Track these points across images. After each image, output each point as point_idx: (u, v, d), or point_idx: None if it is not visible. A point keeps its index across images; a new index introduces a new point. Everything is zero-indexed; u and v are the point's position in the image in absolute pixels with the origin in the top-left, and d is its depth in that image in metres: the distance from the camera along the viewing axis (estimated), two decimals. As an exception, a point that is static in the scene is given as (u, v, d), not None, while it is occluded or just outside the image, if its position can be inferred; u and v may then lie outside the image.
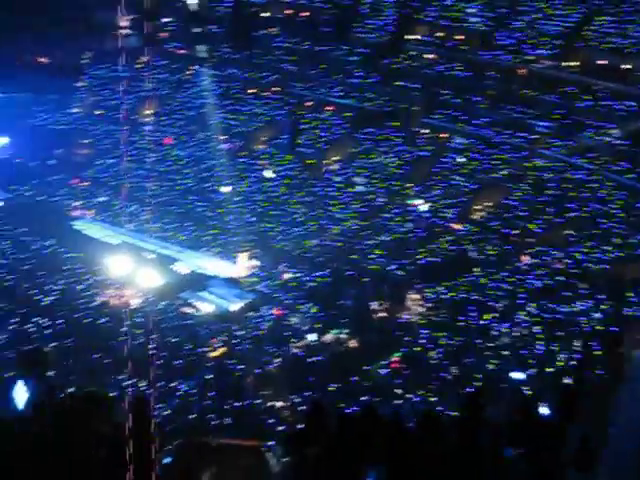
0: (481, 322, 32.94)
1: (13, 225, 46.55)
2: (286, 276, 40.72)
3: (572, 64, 44.02)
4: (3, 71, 57.42)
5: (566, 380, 26.02)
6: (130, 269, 36.41)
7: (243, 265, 41.32)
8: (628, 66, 42.29)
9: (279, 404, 27.39)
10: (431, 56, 49.41)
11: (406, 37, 50.76)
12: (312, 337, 33.63)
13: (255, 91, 56.61)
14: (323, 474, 6.15)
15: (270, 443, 12.77)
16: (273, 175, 51.22)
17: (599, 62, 43.50)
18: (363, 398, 26.79)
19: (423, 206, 44.18)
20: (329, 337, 33.55)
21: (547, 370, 28.51)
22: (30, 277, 39.74)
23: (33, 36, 61.38)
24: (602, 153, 40.70)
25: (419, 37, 50.61)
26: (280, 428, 24.13)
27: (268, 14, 57.86)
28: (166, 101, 59.27)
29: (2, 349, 29.72)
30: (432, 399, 26.95)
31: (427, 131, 48.50)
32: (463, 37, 47.91)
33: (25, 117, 61.41)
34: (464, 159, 45.95)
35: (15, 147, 58.21)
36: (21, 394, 5.54)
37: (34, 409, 5.01)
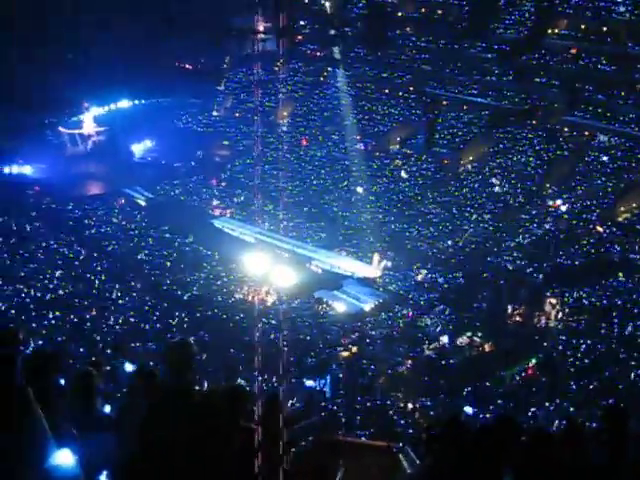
0: (625, 330, 31.30)
1: (157, 223, 48.85)
2: (420, 277, 40.42)
3: None
4: (150, 78, 60.53)
5: None
6: (266, 267, 37.31)
7: (377, 265, 41.36)
8: None
9: (410, 406, 27.17)
10: (573, 50, 47.38)
11: (546, 31, 48.92)
12: (445, 339, 33.18)
13: (390, 91, 56.52)
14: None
15: (401, 445, 12.64)
16: (408, 175, 51.00)
17: None
18: (497, 404, 26.15)
19: (563, 207, 42.61)
20: (462, 340, 32.96)
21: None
22: (172, 273, 41.59)
23: (177, 43, 64.21)
24: None
25: (559, 31, 48.62)
26: (410, 430, 23.90)
27: (402, 13, 57.51)
28: (302, 102, 60.29)
29: (147, 340, 31.29)
30: (570, 409, 25.85)
31: (568, 129, 46.70)
32: (608, 28, 45.46)
33: (169, 120, 64.37)
34: (608, 158, 43.89)
35: (160, 149, 61.14)
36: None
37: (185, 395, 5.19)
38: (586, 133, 45.95)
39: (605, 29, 45.21)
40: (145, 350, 29.06)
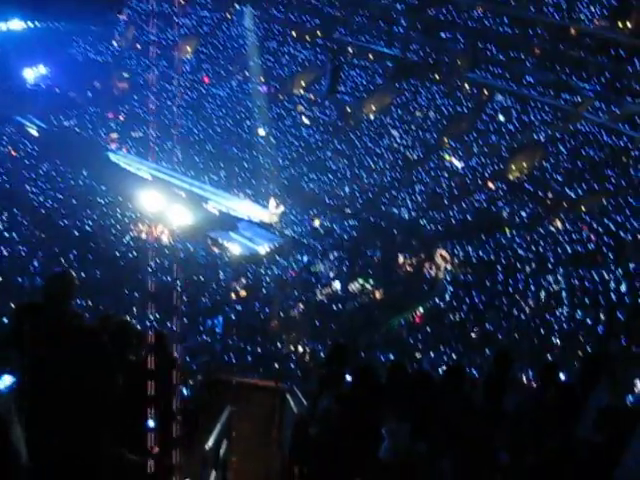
0: (508, 283, 32.64)
1: (49, 154, 46.91)
2: (316, 223, 40.73)
3: (628, 25, 42.07)
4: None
5: (589, 348, 25.69)
6: (161, 205, 36.56)
7: (273, 209, 41.33)
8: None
9: (300, 349, 27.62)
10: (479, 9, 48.05)
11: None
12: (337, 285, 33.71)
13: (297, 35, 55.86)
14: (342, 421, 6.14)
15: (289, 384, 12.87)
16: (309, 121, 50.88)
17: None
18: (384, 350, 26.91)
19: (458, 162, 43.68)
20: (354, 286, 33.56)
21: (571, 337, 28.22)
22: (64, 207, 40.21)
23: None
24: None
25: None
26: (299, 372, 24.36)
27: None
28: (207, 39, 58.83)
29: (34, 275, 30.32)
30: (453, 357, 26.90)
31: (468, 86, 47.65)
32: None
33: (66, 47, 61.40)
34: (504, 118, 45.14)
35: (55, 77, 58.35)
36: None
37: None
38: (485, 92, 47.02)
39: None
40: (32, 286, 28.13)
